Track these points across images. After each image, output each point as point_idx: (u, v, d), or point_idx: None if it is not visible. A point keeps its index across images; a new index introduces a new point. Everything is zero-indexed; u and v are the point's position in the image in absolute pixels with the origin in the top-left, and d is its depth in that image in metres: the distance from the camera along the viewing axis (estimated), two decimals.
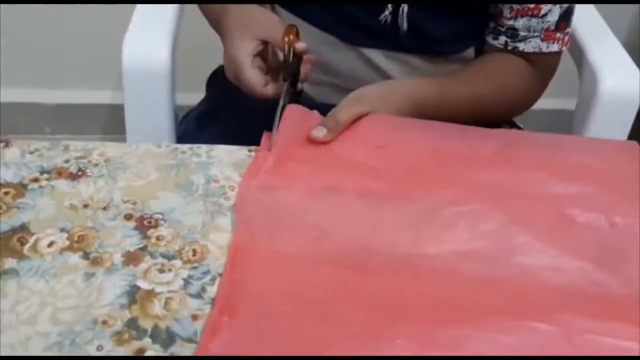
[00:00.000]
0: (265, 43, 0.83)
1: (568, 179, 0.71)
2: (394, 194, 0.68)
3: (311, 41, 0.91)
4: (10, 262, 0.58)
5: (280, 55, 0.83)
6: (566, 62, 1.02)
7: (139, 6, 1.03)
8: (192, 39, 1.08)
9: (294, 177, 0.69)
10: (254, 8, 0.87)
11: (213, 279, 0.59)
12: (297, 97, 0.82)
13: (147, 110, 0.97)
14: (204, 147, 0.74)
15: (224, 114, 1.00)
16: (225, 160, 0.73)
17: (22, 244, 0.60)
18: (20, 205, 0.64)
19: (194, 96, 1.12)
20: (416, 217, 0.66)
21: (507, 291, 0.59)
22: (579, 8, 0.95)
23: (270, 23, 0.85)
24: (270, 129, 0.76)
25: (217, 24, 0.89)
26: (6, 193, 0.65)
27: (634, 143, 0.79)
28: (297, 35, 0.82)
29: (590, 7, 1.15)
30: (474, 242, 0.63)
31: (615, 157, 0.77)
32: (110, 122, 1.92)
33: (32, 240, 0.60)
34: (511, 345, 0.55)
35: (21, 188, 0.66)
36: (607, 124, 0.96)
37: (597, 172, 0.73)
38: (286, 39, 0.81)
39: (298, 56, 0.82)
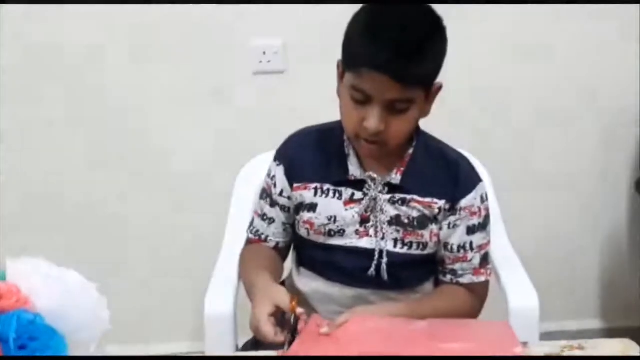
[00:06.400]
0: (278, 307, 1.22)
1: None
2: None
3: (323, 286, 1.45)
4: None
5: (287, 315, 1.22)
6: None
7: (213, 279, 1.57)
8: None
9: (317, 348, 1.18)
10: (274, 284, 1.31)
11: None
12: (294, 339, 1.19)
13: (220, 342, 1.48)
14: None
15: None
16: None
17: None
18: None
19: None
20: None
21: None
22: (495, 244, 1.48)
23: (282, 294, 1.24)
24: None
25: (249, 292, 1.34)
26: None
27: (505, 322, 1.30)
28: (298, 302, 1.23)
29: (506, 242, 1.69)
30: None
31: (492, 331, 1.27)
32: None
33: None
34: None
35: None
36: (519, 325, 1.34)
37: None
38: (292, 304, 1.21)
39: (297, 316, 1.22)
